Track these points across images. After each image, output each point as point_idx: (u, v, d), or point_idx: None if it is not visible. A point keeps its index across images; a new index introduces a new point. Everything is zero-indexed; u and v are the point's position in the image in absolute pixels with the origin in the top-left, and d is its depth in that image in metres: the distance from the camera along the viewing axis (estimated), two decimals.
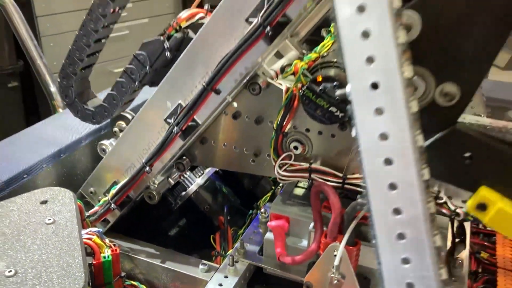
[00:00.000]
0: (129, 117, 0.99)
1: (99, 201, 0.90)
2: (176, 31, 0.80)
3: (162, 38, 0.80)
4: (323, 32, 0.88)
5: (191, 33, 0.79)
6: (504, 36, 0.43)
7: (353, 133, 0.44)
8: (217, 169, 1.09)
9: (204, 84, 0.69)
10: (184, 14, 0.80)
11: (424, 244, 0.40)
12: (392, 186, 0.41)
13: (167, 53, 0.79)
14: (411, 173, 0.40)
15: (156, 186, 0.88)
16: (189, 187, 1.03)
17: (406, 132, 0.40)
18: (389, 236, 0.41)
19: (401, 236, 0.41)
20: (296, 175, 0.81)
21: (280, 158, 0.81)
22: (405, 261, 0.41)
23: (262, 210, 0.97)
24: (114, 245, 0.78)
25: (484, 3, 0.42)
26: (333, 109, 0.71)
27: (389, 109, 0.40)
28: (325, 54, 0.79)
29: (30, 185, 0.92)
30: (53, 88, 1.51)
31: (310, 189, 0.87)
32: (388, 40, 0.40)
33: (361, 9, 0.41)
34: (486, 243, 0.98)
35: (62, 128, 1.04)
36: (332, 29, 0.87)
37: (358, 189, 0.78)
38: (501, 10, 0.42)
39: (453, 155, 0.46)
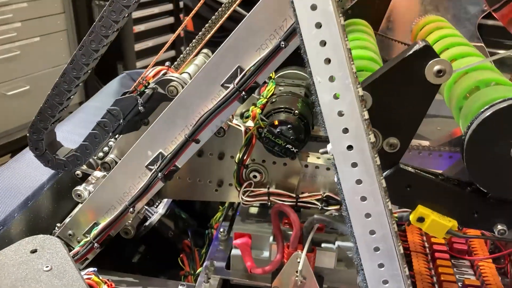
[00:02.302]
0: (92, 162, 1.08)
1: (78, 242, 0.98)
2: (145, 87, 0.92)
3: (134, 95, 0.91)
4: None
5: (159, 89, 0.91)
6: (425, 107, 0.63)
7: (336, 179, 0.62)
8: None
9: (186, 136, 0.83)
10: (151, 72, 0.92)
11: (394, 252, 0.59)
12: (368, 215, 0.60)
13: (141, 108, 0.90)
14: (380, 205, 0.59)
15: (131, 221, 0.99)
16: (150, 217, 1.14)
17: (374, 177, 0.59)
18: (368, 250, 0.60)
19: (376, 249, 0.60)
20: (257, 199, 0.98)
21: (243, 187, 0.97)
22: (381, 265, 0.60)
23: (221, 229, 1.12)
24: (108, 280, 0.88)
25: (408, 90, 0.62)
26: (289, 146, 0.89)
27: (361, 163, 0.59)
28: (274, 100, 0.96)
29: (6, 235, 0.97)
30: None
31: (263, 207, 1.05)
32: (357, 117, 0.58)
33: (335, 96, 0.58)
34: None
35: (22, 176, 1.09)
36: (272, 75, 1.05)
37: (309, 205, 0.97)
38: (420, 92, 0.62)
39: (398, 186, 0.66)
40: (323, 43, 0.58)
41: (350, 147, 0.59)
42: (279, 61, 0.75)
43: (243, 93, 0.77)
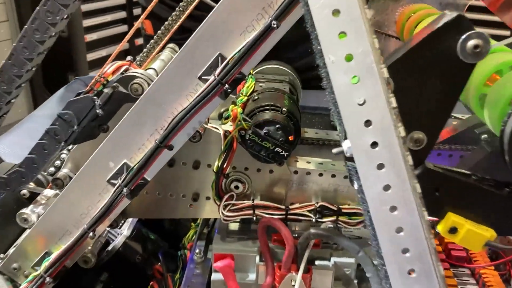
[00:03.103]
0: (42, 178, 0.91)
1: (26, 276, 0.81)
2: (104, 86, 0.76)
3: (90, 95, 0.75)
4: None
5: (120, 87, 0.76)
6: (456, 93, 0.52)
7: (356, 186, 0.49)
8: None
9: (156, 141, 0.68)
10: (109, 68, 0.77)
11: (433, 275, 0.47)
12: (399, 230, 0.48)
13: (98, 110, 0.75)
14: (415, 216, 0.47)
15: (90, 248, 0.83)
16: (113, 240, 0.98)
17: (406, 181, 0.46)
18: (401, 273, 0.48)
19: (411, 271, 0.48)
20: (240, 213, 0.84)
21: (224, 200, 0.83)
22: None
23: (197, 250, 0.98)
24: None
25: (436, 72, 0.51)
26: (278, 149, 0.76)
27: (389, 164, 0.46)
28: (256, 97, 0.83)
29: None
30: None
31: (245, 222, 0.91)
32: (382, 105, 0.46)
33: (354, 80, 0.46)
34: None
35: None
36: (251, 71, 0.92)
37: (300, 218, 0.84)
38: (451, 73, 0.51)
39: (425, 190, 0.54)
40: (336, 12, 0.45)
41: (374, 144, 0.47)
42: (270, 46, 0.62)
43: (226, 86, 0.63)
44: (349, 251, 0.76)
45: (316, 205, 0.83)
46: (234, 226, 0.94)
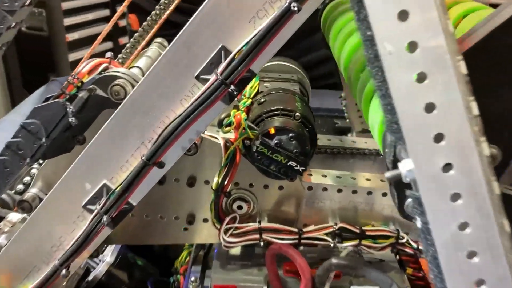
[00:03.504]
0: (7, 199, 0.77)
1: None
2: (78, 89, 0.62)
3: (60, 100, 0.61)
4: None
5: (98, 90, 0.62)
6: None
7: (418, 223, 0.36)
8: None
9: (143, 158, 0.54)
10: (85, 67, 0.63)
11: None
12: (480, 283, 0.35)
13: (71, 119, 0.61)
14: (502, 265, 0.34)
15: (65, 284, 0.69)
16: (94, 268, 0.84)
17: (491, 218, 0.34)
18: None
19: None
20: (245, 239, 0.70)
21: (225, 223, 0.70)
22: None
23: (192, 278, 0.84)
24: None
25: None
26: (292, 163, 0.63)
27: (468, 194, 0.33)
28: (262, 100, 0.69)
29: None
30: None
31: (247, 245, 0.78)
32: (460, 113, 0.33)
33: (420, 77, 0.33)
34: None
35: None
36: None
37: (316, 242, 0.71)
38: None
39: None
40: None
41: (447, 167, 0.34)
42: (287, 35, 0.49)
43: (232, 87, 0.50)
44: (380, 285, 0.63)
45: (334, 226, 0.70)
46: (235, 249, 0.81)
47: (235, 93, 0.50)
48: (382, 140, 0.44)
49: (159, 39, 0.83)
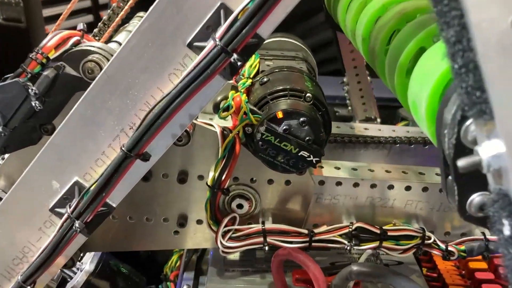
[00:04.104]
0: None
1: None
2: (43, 66, 0.51)
3: (20, 79, 0.50)
4: None
5: (68, 68, 0.51)
6: None
7: (506, 230, 0.26)
8: None
9: (122, 148, 0.43)
10: (51, 40, 0.52)
11: None
12: None
13: (35, 103, 0.50)
14: None
15: None
16: (72, 278, 0.73)
17: None
18: None
19: None
20: (246, 243, 0.60)
21: (223, 225, 0.59)
22: None
23: (184, 287, 0.73)
24: None
25: None
26: (304, 153, 0.52)
27: None
28: (265, 79, 0.59)
29: None
30: None
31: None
32: None
33: None
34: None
35: None
36: None
37: (329, 245, 0.61)
38: None
39: None
40: None
41: None
42: None
43: (234, 56, 0.39)
44: None
45: (351, 227, 0.60)
46: (234, 254, 0.70)
47: (239, 63, 0.39)
48: (436, 117, 0.33)
49: (141, 13, 0.72)
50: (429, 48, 0.38)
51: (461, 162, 0.26)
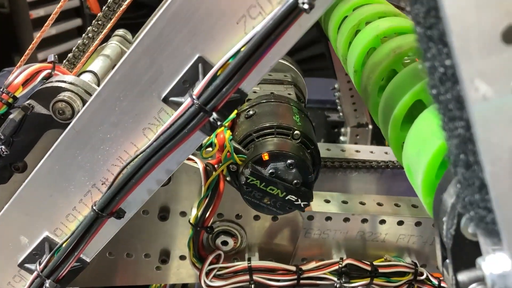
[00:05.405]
0: None
1: None
2: (9, 106, 0.47)
3: None
4: None
5: (37, 107, 0.47)
6: None
7: None
8: None
9: (93, 206, 0.40)
10: (18, 77, 0.48)
11: None
12: None
13: (1, 148, 0.46)
14: None
15: None
16: None
17: None
18: None
19: None
20: (232, 281, 0.57)
21: (207, 263, 0.56)
22: None
23: None
24: None
25: None
26: (292, 197, 0.49)
27: None
28: (250, 112, 0.55)
29: None
30: None
31: None
32: None
33: None
34: None
35: None
36: None
37: (317, 282, 0.58)
38: None
39: None
40: None
41: None
42: (291, 42, 0.34)
43: (214, 115, 0.35)
44: None
45: (341, 263, 0.57)
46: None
47: (218, 123, 0.36)
48: (434, 197, 0.30)
49: (120, 31, 0.68)
50: (428, 109, 0.35)
51: (462, 277, 0.24)
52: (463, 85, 0.19)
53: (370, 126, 1.12)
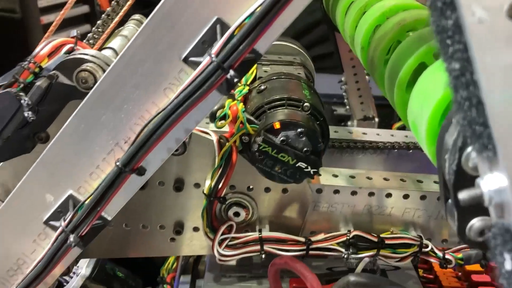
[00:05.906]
0: None
1: None
2: (36, 75, 0.50)
3: (13, 90, 0.49)
4: None
5: (61, 77, 0.50)
6: None
7: (508, 264, 0.26)
8: None
9: (117, 163, 0.43)
10: (44, 49, 0.51)
11: None
12: None
13: (27, 113, 0.49)
14: None
15: None
16: (67, 282, 0.73)
17: None
18: None
19: None
20: (243, 251, 0.60)
21: (220, 233, 0.59)
22: None
23: None
24: None
25: None
26: (301, 164, 0.52)
27: None
28: (262, 87, 0.58)
29: None
30: None
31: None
32: None
33: None
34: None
35: None
36: None
37: (325, 253, 0.61)
38: None
39: None
40: None
41: None
42: (304, 4, 0.37)
43: (231, 72, 0.38)
44: None
45: (348, 235, 0.60)
46: None
47: (235, 80, 0.38)
48: (437, 141, 0.33)
49: (137, 16, 0.71)
50: (430, 67, 0.37)
51: (462, 195, 0.26)
52: (461, 10, 0.22)
53: (377, 119, 1.14)
